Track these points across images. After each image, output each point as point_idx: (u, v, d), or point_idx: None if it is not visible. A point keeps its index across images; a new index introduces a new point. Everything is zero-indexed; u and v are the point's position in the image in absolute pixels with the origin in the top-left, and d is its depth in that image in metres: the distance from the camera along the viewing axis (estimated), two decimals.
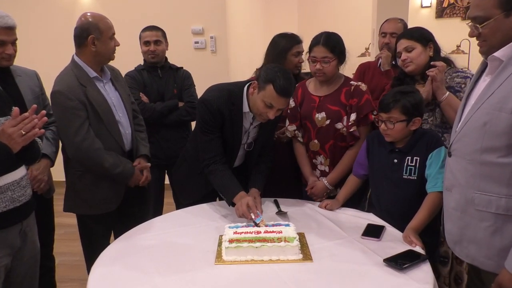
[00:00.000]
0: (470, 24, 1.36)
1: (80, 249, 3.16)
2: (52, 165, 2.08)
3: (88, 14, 2.02)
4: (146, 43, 2.75)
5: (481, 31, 1.32)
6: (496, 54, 1.32)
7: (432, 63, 1.82)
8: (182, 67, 2.92)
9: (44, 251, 1.85)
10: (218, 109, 1.85)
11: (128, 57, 3.35)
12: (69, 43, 4.85)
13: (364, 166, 1.93)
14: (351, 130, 2.02)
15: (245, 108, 1.89)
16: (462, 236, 1.43)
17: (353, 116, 2.02)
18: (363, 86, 2.06)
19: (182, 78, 2.84)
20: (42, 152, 1.74)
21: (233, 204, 1.83)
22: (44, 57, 4.44)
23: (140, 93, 2.68)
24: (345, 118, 2.04)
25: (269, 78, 1.74)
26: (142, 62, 2.87)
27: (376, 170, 1.86)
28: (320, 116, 2.06)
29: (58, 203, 2.82)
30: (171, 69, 2.84)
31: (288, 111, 2.14)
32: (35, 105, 1.47)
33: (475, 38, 1.38)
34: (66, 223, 3.67)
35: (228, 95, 1.87)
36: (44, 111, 1.48)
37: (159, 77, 2.77)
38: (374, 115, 1.93)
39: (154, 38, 2.75)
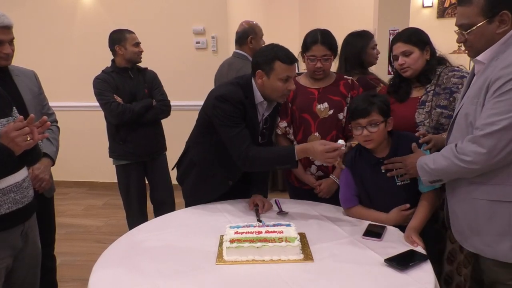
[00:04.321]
0: (457, 31, 1.45)
1: (82, 249, 3.19)
2: (53, 164, 2.07)
3: (244, 22, 2.88)
4: (136, 44, 2.79)
5: (467, 37, 1.41)
6: (479, 57, 1.41)
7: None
8: (147, 68, 2.95)
9: (45, 251, 1.85)
10: (239, 101, 1.82)
11: None
12: (71, 43, 4.87)
13: (352, 196, 1.84)
14: None
15: (258, 99, 1.88)
16: (463, 226, 1.48)
17: None
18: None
19: (151, 78, 2.90)
20: (42, 151, 1.74)
21: (295, 164, 1.77)
22: (46, 57, 4.45)
23: (114, 95, 2.72)
24: (345, 108, 2.08)
25: (270, 57, 1.76)
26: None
27: (368, 187, 1.80)
28: (322, 106, 2.07)
29: (59, 203, 2.82)
30: (139, 70, 2.89)
31: (279, 108, 2.13)
32: (33, 115, 1.46)
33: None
34: (67, 223, 3.70)
35: (241, 88, 1.86)
36: (45, 117, 1.48)
37: (131, 78, 2.81)
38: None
39: (139, 41, 2.83)
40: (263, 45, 2.43)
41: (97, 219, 3.85)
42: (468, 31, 1.39)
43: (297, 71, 1.95)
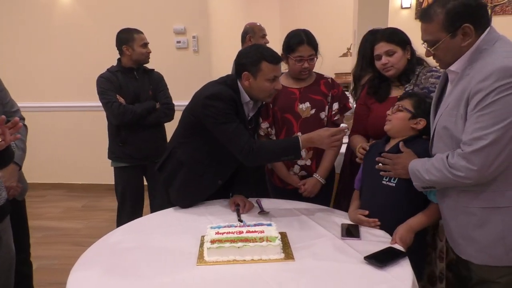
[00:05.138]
0: (424, 45, 1.46)
1: (59, 252, 3.13)
2: (20, 168, 1.95)
3: (247, 23, 3.26)
4: (144, 45, 2.75)
5: (434, 52, 1.43)
6: (451, 68, 1.42)
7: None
8: (153, 69, 2.91)
9: (21, 256, 1.80)
10: (231, 98, 1.81)
11: (109, 56, 3.30)
12: (48, 43, 4.77)
13: (359, 178, 1.88)
14: (335, 118, 2.12)
15: (244, 99, 1.87)
16: (455, 233, 1.49)
17: (335, 106, 2.12)
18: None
19: (156, 80, 2.86)
20: None
21: (299, 155, 1.79)
22: (22, 57, 4.35)
23: (117, 95, 2.67)
24: (326, 107, 2.10)
25: (256, 58, 1.76)
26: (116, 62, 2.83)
27: (363, 174, 1.83)
28: (304, 106, 2.09)
29: (36, 205, 2.76)
30: (145, 71, 2.85)
31: (261, 109, 2.13)
32: (3, 116, 1.41)
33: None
34: (45, 226, 3.62)
35: (229, 88, 1.84)
36: (17, 118, 1.43)
37: (135, 79, 2.77)
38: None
39: (147, 41, 2.79)
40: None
41: (76, 221, 3.78)
42: (434, 47, 1.40)
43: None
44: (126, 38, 2.70)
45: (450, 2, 1.35)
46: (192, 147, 1.96)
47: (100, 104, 2.70)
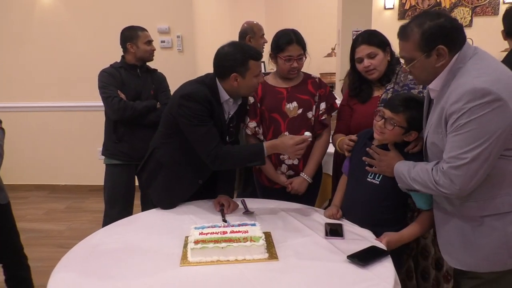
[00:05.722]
0: (402, 60, 1.49)
1: (43, 254, 3.08)
2: None
3: (245, 22, 3.12)
4: (149, 42, 2.75)
5: (410, 70, 1.45)
6: (431, 86, 1.45)
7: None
8: (156, 69, 2.91)
9: (14, 259, 1.75)
10: (206, 99, 1.81)
11: (95, 55, 3.29)
12: (30, 42, 4.68)
13: (347, 165, 1.91)
14: (323, 118, 2.13)
15: (223, 97, 1.88)
16: (455, 245, 1.48)
17: (323, 105, 2.14)
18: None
19: (159, 80, 2.86)
20: None
21: (264, 161, 1.83)
22: (1, 57, 4.27)
23: (118, 90, 2.65)
24: (314, 107, 2.12)
25: (244, 58, 1.80)
26: (109, 60, 2.81)
27: (351, 167, 1.85)
28: (291, 106, 2.10)
29: (18, 207, 2.70)
30: (148, 70, 2.84)
31: (248, 107, 2.15)
32: None
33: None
34: (27, 228, 3.57)
35: (207, 87, 1.85)
36: None
37: (138, 76, 2.76)
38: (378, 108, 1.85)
39: (152, 39, 2.79)
40: (258, 46, 2.78)
41: (59, 223, 3.73)
42: (409, 65, 1.43)
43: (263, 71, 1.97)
44: (131, 35, 2.70)
45: (426, 22, 1.36)
46: (172, 147, 1.97)
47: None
